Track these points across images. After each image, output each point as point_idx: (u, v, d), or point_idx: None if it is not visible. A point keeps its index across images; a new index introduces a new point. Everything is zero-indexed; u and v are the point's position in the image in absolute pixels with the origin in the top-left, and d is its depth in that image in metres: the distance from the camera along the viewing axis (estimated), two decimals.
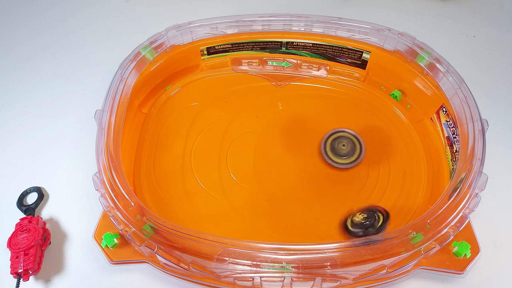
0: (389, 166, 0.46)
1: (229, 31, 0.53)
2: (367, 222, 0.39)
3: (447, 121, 0.46)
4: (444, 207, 0.35)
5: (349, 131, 0.45)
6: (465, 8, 0.67)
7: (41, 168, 0.48)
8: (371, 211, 0.39)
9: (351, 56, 0.53)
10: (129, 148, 0.47)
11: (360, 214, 0.40)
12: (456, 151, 0.43)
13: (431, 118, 0.49)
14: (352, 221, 0.40)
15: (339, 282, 0.35)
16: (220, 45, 0.54)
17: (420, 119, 0.50)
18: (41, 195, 0.45)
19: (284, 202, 0.43)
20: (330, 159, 0.44)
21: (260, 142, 0.48)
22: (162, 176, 0.45)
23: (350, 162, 0.44)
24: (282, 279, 0.34)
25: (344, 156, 0.44)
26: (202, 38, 0.53)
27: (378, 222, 0.39)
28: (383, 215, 0.39)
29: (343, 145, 0.44)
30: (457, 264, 0.37)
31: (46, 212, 0.44)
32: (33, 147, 0.50)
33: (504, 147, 0.49)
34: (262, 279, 0.35)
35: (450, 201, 0.35)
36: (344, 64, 0.54)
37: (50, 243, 0.41)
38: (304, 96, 0.52)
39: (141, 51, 0.48)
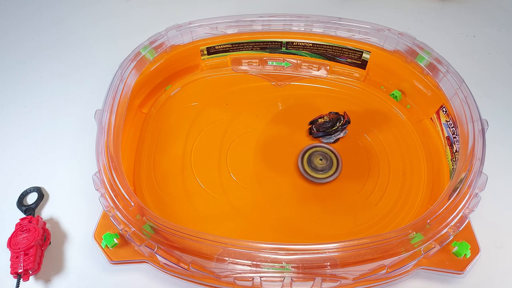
0: (389, 166, 0.46)
1: (229, 31, 0.53)
2: (329, 124, 0.46)
3: (447, 121, 0.46)
4: (444, 207, 0.35)
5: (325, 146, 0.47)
6: (465, 8, 0.67)
7: (41, 168, 0.48)
8: (334, 116, 0.48)
9: (351, 56, 0.53)
10: (129, 148, 0.47)
11: (322, 118, 0.47)
12: (456, 151, 0.43)
13: (431, 118, 0.49)
14: (316, 124, 0.47)
15: (339, 282, 0.35)
16: (220, 45, 0.54)
17: (420, 119, 0.49)
18: (41, 195, 0.45)
19: (284, 202, 0.43)
20: (309, 173, 0.45)
21: (260, 142, 0.48)
22: (162, 176, 0.45)
23: (328, 176, 0.45)
24: (282, 279, 0.34)
25: (321, 171, 0.45)
26: (202, 38, 0.53)
27: (340, 122, 0.47)
28: (344, 118, 0.47)
29: (321, 159, 0.45)
30: (457, 264, 0.37)
31: (46, 212, 0.44)
32: (33, 147, 0.50)
33: (504, 147, 0.49)
34: (262, 279, 0.35)
35: (450, 201, 0.35)
36: (344, 64, 0.54)
37: (50, 243, 0.41)
38: (304, 96, 0.52)
39: (141, 51, 0.48)
